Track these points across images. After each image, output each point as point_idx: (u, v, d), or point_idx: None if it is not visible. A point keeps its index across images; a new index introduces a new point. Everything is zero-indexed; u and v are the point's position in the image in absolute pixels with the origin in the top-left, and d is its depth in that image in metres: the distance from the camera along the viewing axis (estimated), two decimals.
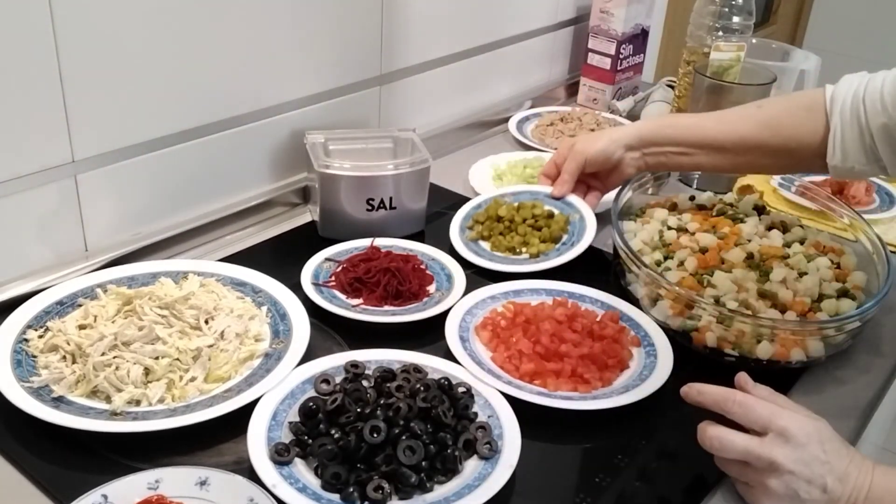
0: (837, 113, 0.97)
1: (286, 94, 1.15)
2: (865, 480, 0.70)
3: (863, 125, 0.95)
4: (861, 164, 0.97)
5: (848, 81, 0.98)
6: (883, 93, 0.93)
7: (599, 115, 1.54)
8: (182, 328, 0.86)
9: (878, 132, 0.94)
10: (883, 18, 3.10)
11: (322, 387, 0.81)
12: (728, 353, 0.91)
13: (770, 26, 3.14)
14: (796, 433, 0.70)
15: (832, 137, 0.97)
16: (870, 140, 0.95)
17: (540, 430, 0.81)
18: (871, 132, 0.94)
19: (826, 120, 0.98)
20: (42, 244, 0.96)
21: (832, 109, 0.97)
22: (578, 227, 1.12)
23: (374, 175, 1.09)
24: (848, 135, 0.96)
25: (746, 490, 0.74)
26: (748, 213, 1.10)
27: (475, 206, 1.17)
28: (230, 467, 0.73)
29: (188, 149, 1.06)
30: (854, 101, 0.96)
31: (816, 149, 0.99)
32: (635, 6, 1.58)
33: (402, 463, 0.71)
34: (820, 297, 0.95)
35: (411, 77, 1.34)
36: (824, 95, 0.99)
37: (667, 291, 0.94)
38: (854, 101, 0.96)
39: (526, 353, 0.89)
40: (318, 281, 1.00)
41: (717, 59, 1.31)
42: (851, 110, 0.96)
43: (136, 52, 0.96)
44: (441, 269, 1.05)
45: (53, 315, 0.89)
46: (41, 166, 0.92)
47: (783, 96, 1.10)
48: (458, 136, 1.45)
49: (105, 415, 0.77)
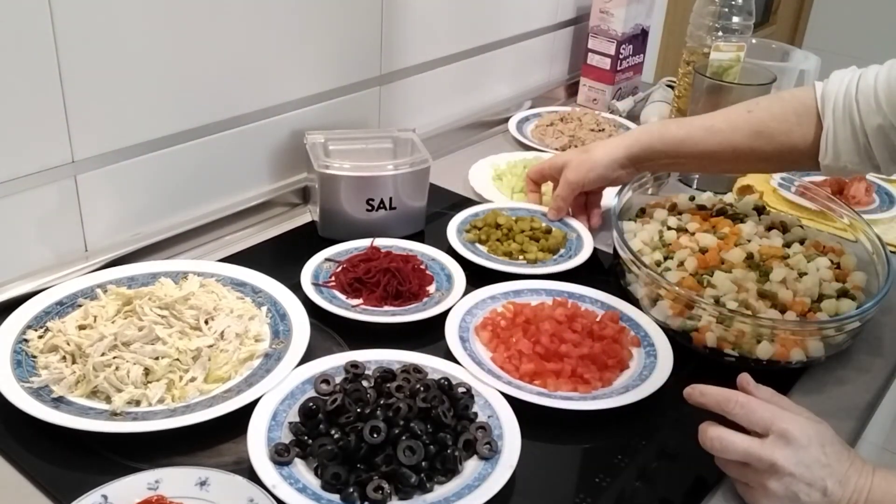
0: (830, 112, 0.95)
1: (286, 94, 1.15)
2: (865, 484, 0.70)
3: (856, 125, 0.93)
4: (854, 163, 0.96)
5: (839, 78, 0.96)
6: (877, 91, 0.91)
7: (599, 116, 1.54)
8: (182, 328, 0.86)
9: (872, 132, 0.92)
10: (883, 18, 3.10)
11: (322, 387, 0.81)
12: (728, 353, 0.91)
13: (770, 26, 3.15)
14: (797, 436, 0.70)
15: (825, 137, 0.96)
16: (864, 140, 0.94)
17: (540, 430, 0.81)
18: (865, 132, 0.93)
19: (818, 120, 0.97)
20: (42, 244, 0.96)
21: (824, 109, 0.96)
22: (576, 244, 1.12)
23: (374, 175, 1.09)
24: (840, 135, 0.95)
25: (746, 491, 0.74)
26: (748, 213, 1.10)
27: (473, 214, 1.17)
28: (230, 467, 0.73)
29: (188, 149, 1.06)
30: (846, 100, 0.94)
31: (808, 150, 0.98)
32: (635, 6, 1.58)
33: (402, 463, 0.71)
34: (820, 298, 0.95)
35: (411, 77, 1.34)
36: (815, 94, 0.97)
37: (667, 291, 0.94)
38: (846, 100, 0.94)
39: (526, 354, 0.89)
40: (317, 281, 1.00)
41: (717, 60, 1.31)
42: (844, 109, 0.94)
43: (136, 53, 0.96)
44: (441, 270, 1.05)
45: (53, 315, 0.89)
46: (41, 166, 0.92)
47: (773, 98, 1.07)
48: (458, 136, 1.45)
49: (105, 415, 0.77)
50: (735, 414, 0.74)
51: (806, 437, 0.70)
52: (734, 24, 1.40)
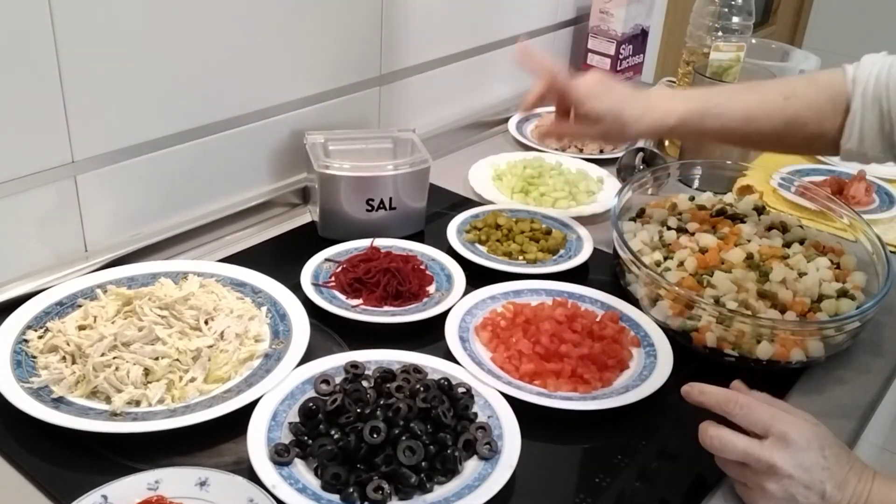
0: (859, 96, 0.93)
1: (286, 94, 1.15)
2: (864, 488, 0.70)
3: (884, 112, 0.92)
4: (875, 150, 0.94)
5: (871, 62, 0.94)
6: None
7: None
8: (182, 329, 0.86)
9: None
10: (883, 18, 3.10)
11: (322, 387, 0.81)
12: (728, 353, 0.91)
13: (769, 27, 3.14)
14: (797, 438, 0.70)
15: (850, 121, 0.94)
16: (889, 127, 0.92)
17: (540, 430, 0.81)
18: (892, 119, 0.91)
19: (846, 104, 0.94)
20: (42, 244, 0.96)
21: (853, 92, 0.93)
22: (576, 244, 1.12)
23: (374, 175, 1.09)
24: (868, 120, 0.93)
25: (745, 491, 0.74)
26: (748, 213, 1.10)
27: (473, 215, 1.17)
28: (230, 468, 0.73)
29: (188, 149, 1.06)
30: (876, 87, 0.92)
31: (834, 136, 0.96)
32: (635, 6, 1.58)
33: (401, 463, 0.71)
34: (820, 298, 0.95)
35: (411, 77, 1.34)
36: (844, 77, 0.95)
37: (667, 292, 0.94)
38: (876, 87, 0.92)
39: (526, 354, 0.89)
40: (317, 281, 1.00)
41: (717, 60, 1.31)
42: (874, 96, 0.92)
43: (136, 53, 0.96)
44: (441, 270, 1.05)
45: (53, 315, 0.89)
46: (41, 167, 0.92)
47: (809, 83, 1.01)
48: (458, 136, 1.45)
49: (105, 415, 0.77)
50: (734, 414, 0.73)
51: (805, 440, 0.70)
52: (734, 24, 1.40)
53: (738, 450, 0.72)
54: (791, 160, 1.41)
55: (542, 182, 1.27)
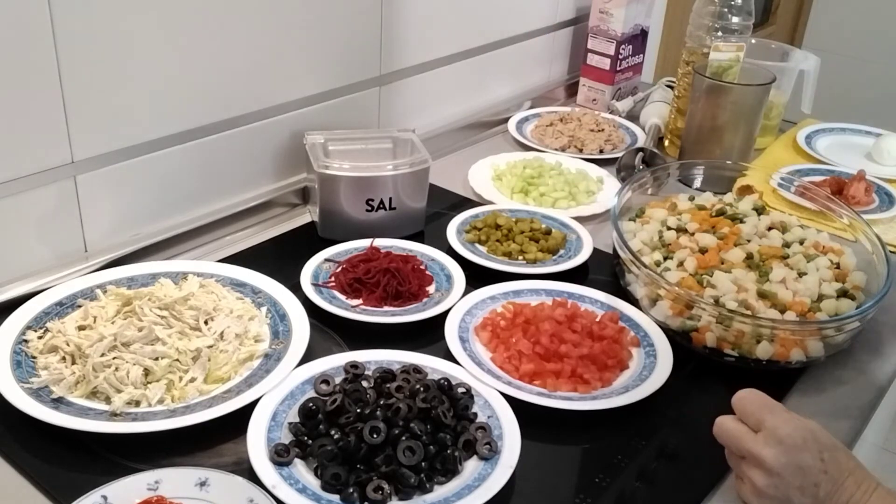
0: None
1: (286, 94, 1.15)
2: (862, 499, 0.68)
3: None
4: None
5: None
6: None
7: (599, 116, 1.54)
8: (182, 329, 0.86)
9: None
10: (883, 18, 3.09)
11: (322, 387, 0.81)
12: (728, 353, 0.91)
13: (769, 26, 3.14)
14: (790, 436, 0.69)
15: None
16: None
17: (540, 430, 0.81)
18: None
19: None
20: (42, 245, 0.96)
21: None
22: (576, 244, 1.12)
23: (374, 175, 1.09)
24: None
25: (739, 485, 0.74)
26: (748, 213, 1.10)
27: (473, 216, 1.17)
28: (230, 468, 0.73)
29: (188, 149, 1.06)
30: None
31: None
32: (635, 6, 1.58)
33: (401, 463, 0.71)
34: (820, 298, 0.95)
35: (411, 77, 1.34)
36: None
37: (666, 292, 0.94)
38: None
39: (526, 354, 0.89)
40: (317, 281, 1.00)
41: (717, 60, 1.31)
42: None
43: (136, 53, 0.96)
44: (441, 270, 1.05)
45: (53, 316, 0.89)
46: (41, 167, 0.92)
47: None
48: (458, 136, 1.45)
49: (105, 416, 0.77)
50: (733, 404, 0.74)
51: (801, 440, 0.69)
52: (734, 24, 1.40)
53: (730, 434, 0.72)
54: (791, 160, 1.41)
55: (542, 182, 1.27)
